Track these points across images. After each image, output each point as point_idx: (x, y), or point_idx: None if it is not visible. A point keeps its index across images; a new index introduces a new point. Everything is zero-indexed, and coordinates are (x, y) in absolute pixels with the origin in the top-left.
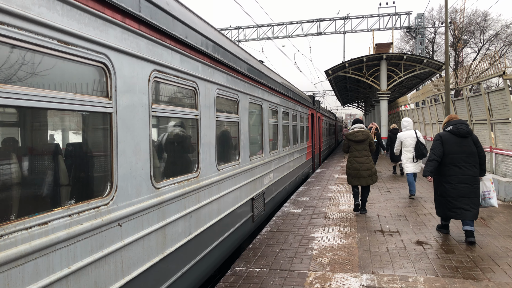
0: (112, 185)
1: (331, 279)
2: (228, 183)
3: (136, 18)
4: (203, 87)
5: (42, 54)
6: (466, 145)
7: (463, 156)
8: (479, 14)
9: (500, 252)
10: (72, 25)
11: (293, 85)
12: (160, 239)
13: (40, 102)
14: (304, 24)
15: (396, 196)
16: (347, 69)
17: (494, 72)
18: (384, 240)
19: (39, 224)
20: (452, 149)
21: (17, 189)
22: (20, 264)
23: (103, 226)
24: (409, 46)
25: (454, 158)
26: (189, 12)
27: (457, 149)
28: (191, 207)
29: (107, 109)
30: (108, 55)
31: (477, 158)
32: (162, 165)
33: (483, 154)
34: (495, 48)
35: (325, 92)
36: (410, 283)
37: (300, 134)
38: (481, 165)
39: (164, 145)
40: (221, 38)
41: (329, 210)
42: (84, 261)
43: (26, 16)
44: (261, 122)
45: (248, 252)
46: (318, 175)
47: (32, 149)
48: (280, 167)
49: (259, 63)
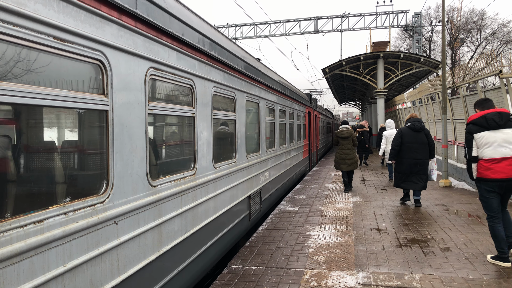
0: (108, 183)
1: (327, 277)
2: (224, 181)
3: (133, 15)
4: (200, 85)
5: (37, 51)
6: (419, 137)
7: (416, 145)
8: (476, 13)
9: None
10: (68, 22)
11: (290, 83)
12: (156, 237)
13: (35, 99)
14: (302, 22)
15: (393, 195)
16: (344, 68)
17: (490, 71)
18: (380, 238)
19: (34, 222)
20: (409, 140)
21: (12, 187)
22: (16, 262)
23: (99, 224)
24: (406, 44)
25: (410, 146)
26: (186, 9)
27: (413, 140)
28: (187, 205)
29: (103, 107)
30: (104, 52)
31: (427, 146)
32: (158, 163)
33: (432, 143)
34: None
35: (322, 90)
36: (406, 281)
37: (297, 132)
38: (431, 151)
39: (161, 143)
40: (218, 35)
41: (326, 208)
42: (80, 259)
43: (22, 13)
44: (258, 120)
45: (245, 250)
46: (315, 173)
47: (28, 146)
48: (276, 165)
49: (256, 61)
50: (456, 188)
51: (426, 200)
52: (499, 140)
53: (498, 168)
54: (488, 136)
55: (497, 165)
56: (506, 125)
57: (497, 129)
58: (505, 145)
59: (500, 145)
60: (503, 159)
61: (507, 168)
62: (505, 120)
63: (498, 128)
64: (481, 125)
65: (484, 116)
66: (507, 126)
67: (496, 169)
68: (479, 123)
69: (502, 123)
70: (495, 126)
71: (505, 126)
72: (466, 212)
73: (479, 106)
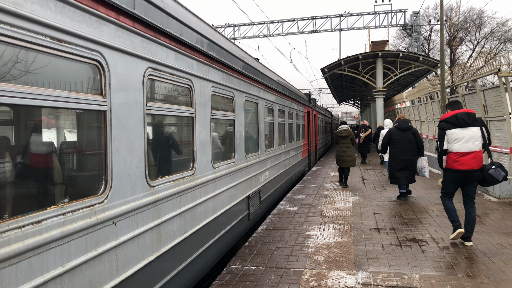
0: (106, 183)
1: (327, 276)
2: (223, 181)
3: (130, 15)
4: (198, 85)
5: (35, 51)
6: (406, 136)
7: (404, 143)
8: (474, 12)
9: (495, 249)
10: (65, 22)
11: (289, 83)
12: (155, 237)
13: (33, 100)
14: (300, 21)
15: (392, 194)
16: (343, 67)
17: (489, 70)
18: (380, 237)
19: (32, 222)
20: (397, 139)
21: (10, 188)
22: (14, 263)
23: (98, 224)
24: (405, 43)
25: (398, 145)
26: (184, 9)
27: (401, 138)
28: (186, 206)
29: (101, 107)
30: (102, 52)
31: (415, 144)
32: (157, 163)
33: (420, 141)
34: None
35: (321, 90)
36: (406, 280)
37: (296, 132)
38: (419, 149)
39: (159, 143)
40: (216, 35)
41: (325, 208)
42: (79, 260)
43: (19, 13)
44: (257, 120)
45: (244, 250)
46: (314, 173)
47: (26, 147)
48: (276, 165)
49: (254, 60)
50: None
51: (425, 199)
52: (467, 136)
53: (463, 161)
54: (458, 133)
55: (463, 158)
56: (473, 124)
57: (466, 127)
58: (471, 141)
59: (467, 140)
60: (468, 153)
61: (471, 161)
62: (472, 119)
63: (466, 126)
64: (452, 123)
65: (455, 115)
66: (473, 124)
67: (462, 161)
68: (450, 121)
69: (470, 122)
70: (464, 124)
71: (472, 125)
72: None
73: (450, 107)
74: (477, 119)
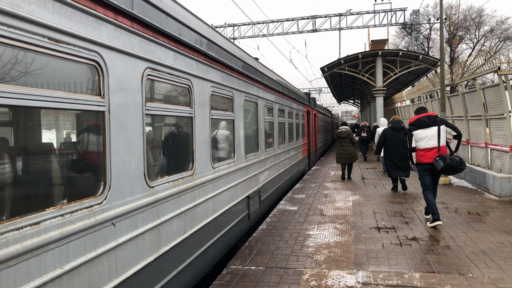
0: (105, 184)
1: (327, 276)
2: (223, 181)
3: (129, 15)
4: (198, 85)
5: (33, 52)
6: (398, 135)
7: (396, 142)
8: (474, 10)
9: (495, 248)
10: (63, 22)
11: (288, 82)
12: (154, 238)
13: (31, 101)
14: (300, 21)
15: (392, 194)
16: (343, 66)
17: (489, 68)
18: (380, 236)
19: (31, 224)
20: (391, 138)
21: (8, 189)
22: (12, 264)
23: (97, 225)
24: (404, 42)
25: (391, 143)
26: (183, 9)
27: (393, 138)
28: (186, 206)
29: (99, 108)
30: (100, 53)
31: (406, 143)
32: (156, 163)
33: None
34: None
35: (321, 89)
36: (406, 280)
37: (295, 132)
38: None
39: (158, 143)
40: (215, 35)
41: (325, 207)
42: (78, 261)
43: (16, 14)
44: (257, 119)
45: (244, 250)
46: (314, 172)
47: (24, 148)
48: (275, 165)
49: (254, 60)
50: (455, 186)
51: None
52: (429, 135)
53: (428, 155)
54: (422, 133)
55: (428, 153)
56: (433, 125)
57: (427, 127)
58: (433, 139)
59: (430, 138)
60: (431, 149)
61: (434, 155)
62: (432, 121)
63: (428, 127)
64: (416, 125)
65: (418, 119)
66: (434, 125)
67: (427, 156)
68: (415, 124)
69: (430, 123)
70: (425, 126)
71: (432, 125)
72: (466, 210)
73: (417, 112)
74: (437, 120)
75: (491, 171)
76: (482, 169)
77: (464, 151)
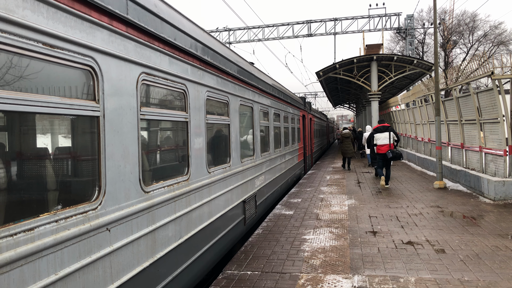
0: (100, 189)
1: (323, 280)
2: (219, 186)
3: (124, 20)
4: (193, 90)
5: (27, 57)
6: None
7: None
8: (467, 15)
9: (490, 252)
10: (57, 28)
11: (284, 87)
12: (150, 243)
13: (26, 107)
14: (295, 25)
15: (387, 198)
16: (338, 70)
17: (483, 73)
18: (375, 240)
19: (24, 230)
20: (379, 137)
21: (2, 195)
22: (5, 271)
23: (91, 231)
24: (399, 47)
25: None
26: (178, 14)
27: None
28: (181, 211)
29: (94, 113)
30: (95, 58)
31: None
32: (151, 168)
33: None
34: (484, 49)
35: (317, 94)
36: (402, 284)
37: (291, 136)
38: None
39: (154, 148)
40: (210, 40)
41: (321, 211)
42: (72, 267)
43: (10, 19)
44: (252, 124)
45: (240, 255)
46: (310, 177)
47: (19, 153)
48: (271, 169)
49: (249, 65)
50: (450, 190)
51: (421, 202)
52: (383, 137)
53: (382, 149)
54: (380, 136)
55: (382, 147)
56: (386, 131)
57: (382, 132)
58: (385, 140)
59: (383, 139)
60: (384, 145)
61: (387, 149)
62: (385, 128)
63: (383, 132)
64: (377, 131)
65: (378, 127)
66: (387, 131)
67: (382, 149)
68: (376, 130)
69: (384, 130)
70: (381, 131)
71: (385, 131)
72: (461, 213)
73: (379, 122)
74: (388, 128)
75: (486, 174)
76: (476, 173)
77: (459, 155)
